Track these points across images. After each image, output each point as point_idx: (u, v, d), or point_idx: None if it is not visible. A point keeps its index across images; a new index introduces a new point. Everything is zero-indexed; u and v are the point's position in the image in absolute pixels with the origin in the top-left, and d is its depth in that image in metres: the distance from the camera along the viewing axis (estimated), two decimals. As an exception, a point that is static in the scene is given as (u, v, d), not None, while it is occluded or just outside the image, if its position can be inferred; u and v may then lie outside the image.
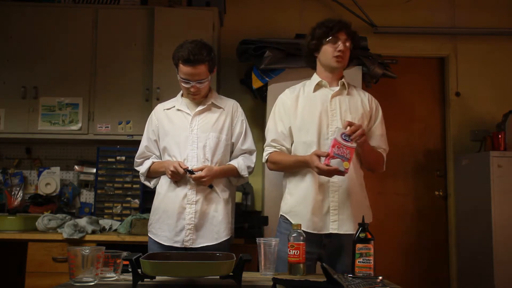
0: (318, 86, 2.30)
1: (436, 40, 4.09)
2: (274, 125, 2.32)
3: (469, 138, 4.00)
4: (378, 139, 2.30)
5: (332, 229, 2.15)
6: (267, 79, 3.22)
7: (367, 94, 2.36)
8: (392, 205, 4.04)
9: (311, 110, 2.25)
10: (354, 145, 2.00)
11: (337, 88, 2.28)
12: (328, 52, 2.25)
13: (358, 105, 2.28)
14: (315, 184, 2.18)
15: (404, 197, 4.07)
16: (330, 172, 2.02)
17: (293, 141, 2.30)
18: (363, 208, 2.22)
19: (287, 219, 2.24)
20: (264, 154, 2.34)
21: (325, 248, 2.19)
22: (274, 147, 2.31)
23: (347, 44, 2.24)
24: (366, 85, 3.39)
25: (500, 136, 3.61)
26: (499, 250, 3.35)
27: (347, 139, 1.98)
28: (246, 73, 3.69)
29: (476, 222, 3.60)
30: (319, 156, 2.05)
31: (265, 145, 2.36)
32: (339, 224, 2.15)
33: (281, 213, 2.31)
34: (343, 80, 2.30)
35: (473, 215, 3.67)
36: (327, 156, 1.99)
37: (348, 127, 2.03)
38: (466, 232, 3.78)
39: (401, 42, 4.05)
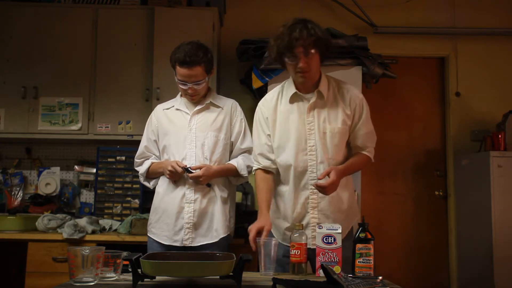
0: (295, 97, 2.16)
1: (436, 40, 4.09)
2: (258, 137, 2.23)
3: (469, 138, 4.00)
4: (363, 138, 2.16)
5: (312, 244, 2.04)
6: (267, 79, 3.23)
7: (350, 92, 2.17)
8: (392, 205, 4.05)
9: (288, 126, 2.14)
10: (338, 245, 1.84)
11: (313, 98, 2.13)
12: (291, 70, 2.09)
13: (339, 111, 2.13)
14: (293, 200, 2.14)
15: (404, 197, 4.07)
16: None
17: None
18: (344, 221, 2.11)
19: None
20: (253, 168, 2.28)
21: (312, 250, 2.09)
22: (259, 163, 2.22)
23: (311, 52, 2.02)
24: (366, 85, 3.39)
25: (500, 136, 3.61)
26: (499, 250, 3.35)
27: (329, 241, 1.86)
28: (246, 73, 3.70)
29: (476, 222, 3.60)
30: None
31: (253, 155, 2.30)
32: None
33: None
34: (318, 89, 2.12)
35: (473, 215, 3.67)
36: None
37: (325, 229, 1.86)
38: (466, 232, 3.78)
39: (401, 42, 4.06)
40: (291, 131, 2.14)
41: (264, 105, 2.25)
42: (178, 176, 2.36)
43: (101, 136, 3.46)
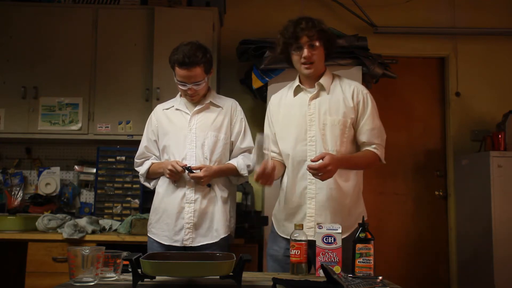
0: (298, 90, 2.24)
1: (436, 40, 4.09)
2: (265, 130, 2.34)
3: (469, 138, 4.00)
4: (369, 134, 2.16)
5: (309, 236, 2.02)
6: (267, 79, 3.23)
7: (352, 86, 2.21)
8: (392, 205, 4.05)
9: (290, 118, 2.21)
10: (338, 245, 1.84)
11: (315, 90, 2.19)
12: (296, 61, 2.17)
13: (340, 103, 2.16)
14: (291, 190, 2.17)
15: (404, 197, 4.07)
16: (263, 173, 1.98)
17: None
18: (346, 216, 2.11)
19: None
20: None
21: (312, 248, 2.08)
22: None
23: (316, 44, 2.12)
24: (366, 85, 3.37)
25: (500, 136, 3.61)
26: (499, 250, 3.35)
27: (329, 241, 1.85)
28: (246, 73, 3.70)
29: (476, 222, 3.60)
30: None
31: None
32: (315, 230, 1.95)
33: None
34: (320, 81, 2.18)
35: (473, 215, 3.67)
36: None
37: (325, 229, 1.85)
38: (466, 232, 3.78)
39: (401, 42, 4.06)
40: (292, 122, 2.19)
41: (272, 102, 2.34)
42: (178, 176, 2.36)
43: (101, 136, 3.46)
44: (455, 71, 4.08)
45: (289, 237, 2.14)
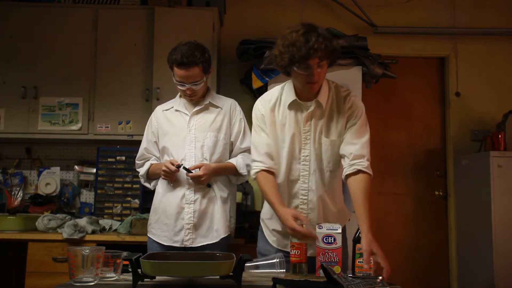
0: (293, 104, 2.05)
1: (436, 40, 4.09)
2: (259, 136, 2.09)
3: (469, 138, 4.00)
4: (360, 146, 1.98)
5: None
6: (267, 79, 3.23)
7: (347, 99, 2.05)
8: (392, 205, 4.05)
9: (284, 133, 2.05)
10: (338, 245, 1.81)
11: (311, 107, 2.02)
12: (299, 79, 1.96)
13: (335, 122, 2.04)
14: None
15: (404, 197, 4.07)
16: (304, 236, 1.87)
17: None
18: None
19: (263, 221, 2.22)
20: (252, 171, 2.09)
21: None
22: (264, 163, 2.05)
23: (323, 63, 1.92)
24: (366, 85, 3.39)
25: (500, 136, 3.62)
26: (499, 250, 3.35)
27: (329, 241, 1.81)
28: (246, 73, 3.70)
29: (476, 222, 3.60)
30: (296, 218, 1.89)
31: (253, 158, 2.12)
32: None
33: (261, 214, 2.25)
34: (317, 99, 2.01)
35: (473, 215, 3.67)
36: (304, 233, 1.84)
37: (325, 229, 1.81)
38: (466, 232, 3.78)
39: (401, 42, 4.06)
40: (286, 138, 2.06)
41: (263, 105, 2.14)
42: (173, 176, 2.36)
43: (101, 136, 3.46)
44: (455, 71, 4.08)
45: (280, 247, 2.13)
